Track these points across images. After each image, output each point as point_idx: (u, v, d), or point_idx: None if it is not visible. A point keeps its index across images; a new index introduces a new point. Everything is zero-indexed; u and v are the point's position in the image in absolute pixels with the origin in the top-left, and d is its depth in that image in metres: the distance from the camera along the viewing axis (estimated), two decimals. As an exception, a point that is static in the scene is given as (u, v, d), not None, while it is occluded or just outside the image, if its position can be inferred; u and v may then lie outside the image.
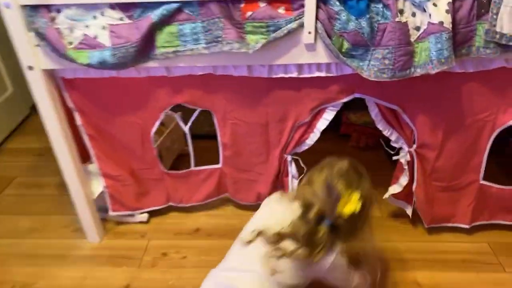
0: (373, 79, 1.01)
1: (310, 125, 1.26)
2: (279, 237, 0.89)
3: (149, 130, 1.27)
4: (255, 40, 1.01)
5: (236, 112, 1.25)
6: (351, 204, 0.85)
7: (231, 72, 1.11)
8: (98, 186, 1.38)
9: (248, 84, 1.16)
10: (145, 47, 1.02)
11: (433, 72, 0.97)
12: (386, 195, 1.36)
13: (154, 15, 0.97)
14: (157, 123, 1.26)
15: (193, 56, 1.04)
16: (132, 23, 1.00)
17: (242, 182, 1.43)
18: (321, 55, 1.04)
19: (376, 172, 1.63)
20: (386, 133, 1.25)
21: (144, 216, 1.49)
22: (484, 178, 1.28)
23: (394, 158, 1.29)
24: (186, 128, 1.33)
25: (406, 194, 1.34)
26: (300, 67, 1.09)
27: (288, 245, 0.88)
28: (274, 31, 0.99)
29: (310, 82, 1.13)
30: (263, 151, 1.33)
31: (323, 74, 1.09)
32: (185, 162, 1.42)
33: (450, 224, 1.36)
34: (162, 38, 1.01)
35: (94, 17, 1.00)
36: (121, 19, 1.00)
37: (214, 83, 1.17)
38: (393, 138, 1.25)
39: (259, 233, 0.92)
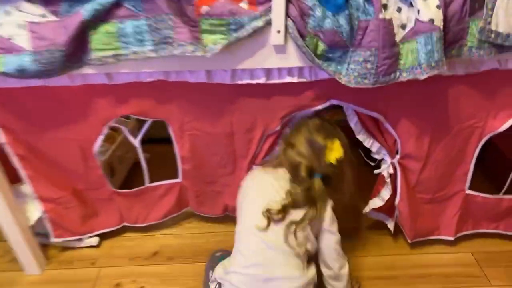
0: (353, 86, 0.86)
1: (280, 134, 1.11)
2: (284, 210, 0.92)
3: (91, 147, 1.07)
4: (213, 41, 0.83)
5: (195, 123, 1.07)
6: (335, 151, 0.93)
7: (186, 78, 0.94)
8: (35, 210, 1.17)
9: (208, 90, 0.98)
10: (77, 50, 0.82)
11: (422, 77, 0.84)
12: (366, 209, 1.24)
13: (85, 11, 0.78)
14: (100, 138, 1.06)
15: (138, 60, 0.85)
16: (58, 21, 0.80)
17: (206, 195, 1.27)
18: (293, 58, 0.88)
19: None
20: (366, 143, 1.12)
21: (94, 240, 1.30)
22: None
23: (376, 171, 1.16)
24: (136, 141, 1.14)
25: (388, 207, 1.22)
26: (268, 71, 0.93)
27: (294, 215, 0.93)
28: (236, 30, 0.82)
29: (280, 88, 0.97)
30: (229, 161, 1.18)
31: (295, 79, 0.93)
32: (142, 171, 1.22)
33: (434, 237, 1.26)
34: (97, 39, 0.82)
35: (7, 13, 0.79)
36: (43, 15, 0.80)
37: (167, 91, 0.99)
38: (374, 149, 1.12)
39: (267, 212, 0.91)
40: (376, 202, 1.22)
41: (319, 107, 1.03)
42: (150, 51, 0.83)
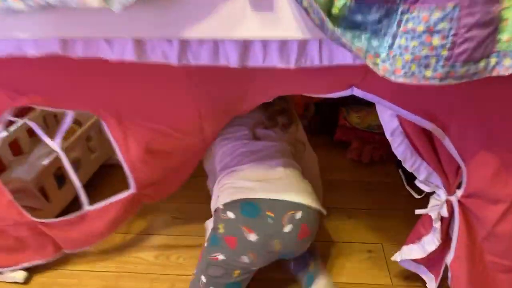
0: (401, 81, 0.44)
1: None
2: (272, 119, 0.88)
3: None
4: (129, -18, 0.43)
5: (140, 114, 0.70)
6: None
7: (102, 53, 0.54)
8: None
9: (153, 69, 0.59)
10: None
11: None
12: (397, 258, 0.84)
13: None
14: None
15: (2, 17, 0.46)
16: None
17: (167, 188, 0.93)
18: (287, 23, 0.46)
19: (386, 204, 1.13)
20: (409, 165, 0.72)
21: (19, 275, 0.95)
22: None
23: (419, 212, 0.75)
24: (55, 144, 0.76)
25: (431, 259, 0.80)
26: (244, 48, 0.51)
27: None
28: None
29: (272, 72, 0.56)
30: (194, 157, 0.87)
31: (291, 64, 0.52)
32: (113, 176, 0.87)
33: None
34: None
35: None
36: None
37: (82, 68, 0.60)
38: (421, 175, 0.72)
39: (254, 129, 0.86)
40: (413, 251, 0.81)
41: (332, 95, 0.62)
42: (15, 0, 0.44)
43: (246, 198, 0.74)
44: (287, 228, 0.73)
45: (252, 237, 0.72)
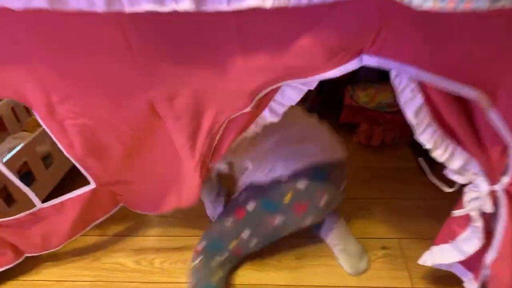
0: (428, 7, 0.29)
1: (253, 114, 0.61)
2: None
3: None
4: None
5: (74, 104, 0.58)
6: None
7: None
8: None
9: (82, 31, 0.45)
10: None
11: None
12: (427, 262, 0.71)
13: None
14: None
15: None
16: None
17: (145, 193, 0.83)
18: None
19: (402, 192, 1.03)
20: (440, 155, 0.57)
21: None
22: None
23: (457, 213, 0.61)
24: None
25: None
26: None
27: None
28: None
29: (248, 24, 0.42)
30: (168, 163, 0.71)
31: (268, 1, 0.37)
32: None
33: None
34: None
35: None
36: None
37: None
38: (456, 164, 0.57)
39: None
40: (447, 253, 0.68)
41: (335, 72, 0.47)
42: None
43: (316, 165, 0.76)
44: (342, 186, 0.80)
45: (323, 200, 0.75)
